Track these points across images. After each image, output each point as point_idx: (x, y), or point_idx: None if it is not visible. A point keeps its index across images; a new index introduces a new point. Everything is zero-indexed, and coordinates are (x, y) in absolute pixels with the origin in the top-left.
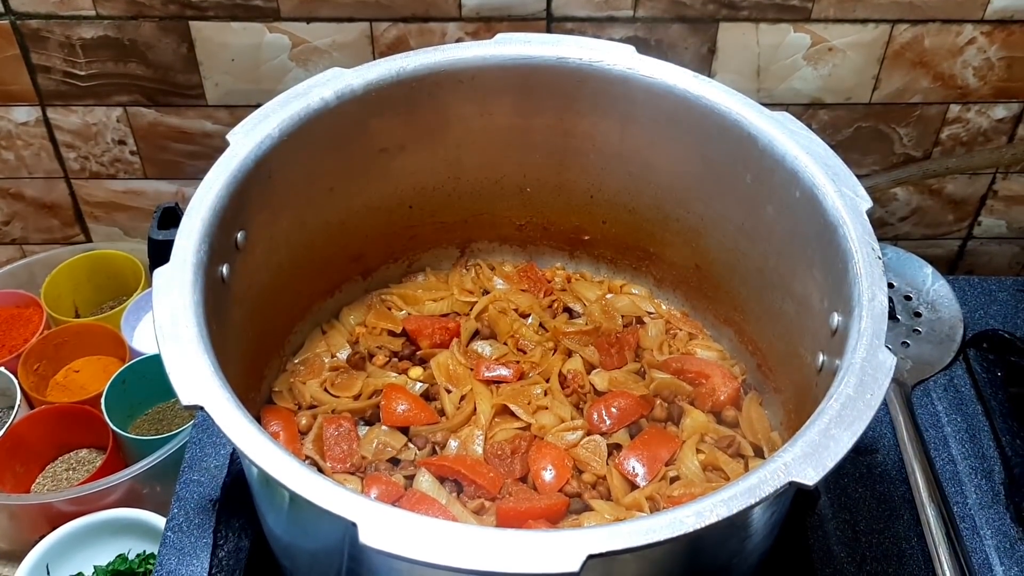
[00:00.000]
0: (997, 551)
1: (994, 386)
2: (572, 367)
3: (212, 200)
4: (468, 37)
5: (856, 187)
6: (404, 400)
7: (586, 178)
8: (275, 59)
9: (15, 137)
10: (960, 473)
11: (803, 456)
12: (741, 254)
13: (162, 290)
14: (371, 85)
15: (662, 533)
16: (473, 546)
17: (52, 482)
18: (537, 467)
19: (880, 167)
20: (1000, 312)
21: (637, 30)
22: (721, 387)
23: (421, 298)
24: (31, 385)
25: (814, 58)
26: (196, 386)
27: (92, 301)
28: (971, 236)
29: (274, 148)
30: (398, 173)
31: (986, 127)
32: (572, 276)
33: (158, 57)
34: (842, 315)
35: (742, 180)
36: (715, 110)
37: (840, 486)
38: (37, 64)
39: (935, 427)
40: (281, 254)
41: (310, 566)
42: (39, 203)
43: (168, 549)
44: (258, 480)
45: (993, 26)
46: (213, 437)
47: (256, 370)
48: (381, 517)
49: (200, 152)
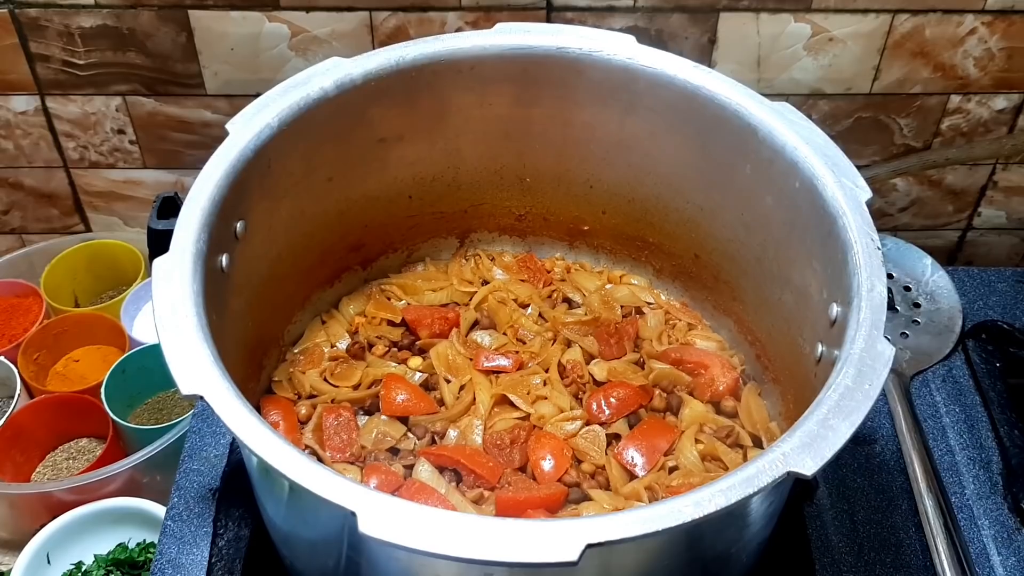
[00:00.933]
0: (994, 541)
1: (992, 377)
2: (571, 357)
3: (211, 190)
4: (468, 27)
5: (856, 178)
6: (403, 390)
7: (586, 168)
8: (274, 48)
9: (14, 126)
10: (958, 464)
11: (801, 446)
12: (740, 244)
13: (161, 280)
14: (370, 75)
15: (661, 523)
16: (472, 535)
17: (52, 471)
18: (536, 457)
19: (880, 158)
20: (999, 303)
21: (637, 20)
22: (720, 377)
23: (421, 288)
24: (31, 375)
25: (814, 48)
26: (196, 375)
27: (91, 291)
28: (971, 227)
29: (273, 138)
30: (397, 163)
31: (986, 118)
32: (571, 266)
33: (157, 46)
34: (841, 306)
35: (742, 170)
36: (715, 100)
37: (838, 476)
38: (36, 53)
39: (933, 418)
40: (280, 244)
41: (310, 555)
42: (38, 192)
43: (168, 538)
44: (258, 469)
45: (994, 16)
46: (213, 426)
47: (256, 360)
48: (380, 506)
49: (199, 142)
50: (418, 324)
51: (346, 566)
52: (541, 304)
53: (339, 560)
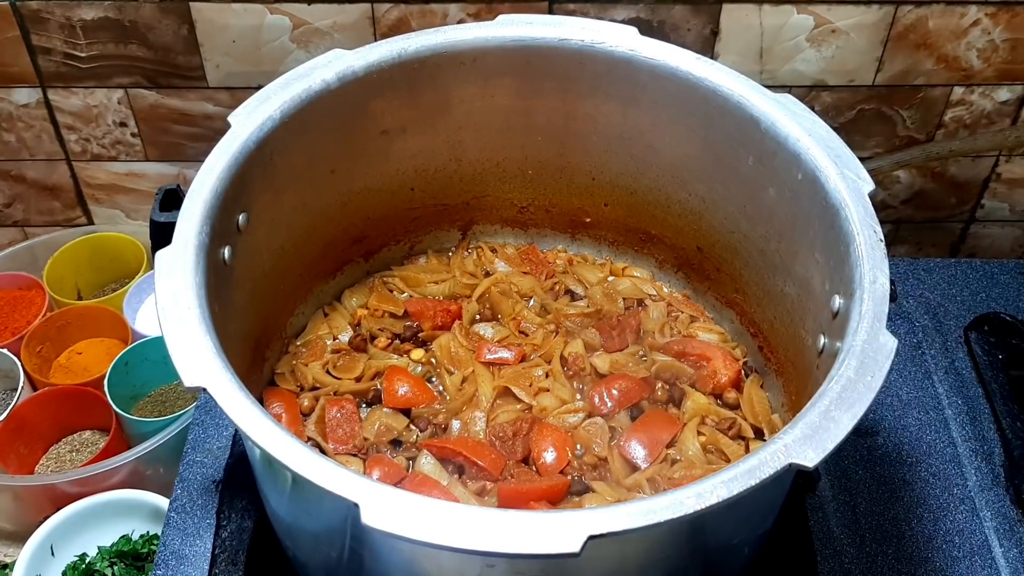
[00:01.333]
0: (996, 533)
1: (995, 369)
2: (573, 349)
3: (213, 182)
4: (470, 18)
5: (858, 169)
6: (406, 382)
7: (588, 160)
8: (276, 40)
9: (16, 119)
10: (960, 455)
11: (803, 438)
12: (743, 236)
13: (164, 272)
14: (372, 67)
15: (662, 514)
16: (474, 527)
17: (56, 463)
18: (538, 449)
19: (883, 149)
20: (1002, 295)
21: (640, 11)
22: (722, 369)
23: (423, 280)
24: (34, 367)
25: (817, 40)
26: (199, 368)
27: (94, 283)
28: (974, 219)
29: (275, 130)
30: (400, 155)
31: (989, 109)
32: (574, 258)
33: (159, 39)
34: (843, 297)
35: (744, 162)
36: (717, 92)
37: (840, 468)
38: (37, 46)
39: (936, 409)
40: (283, 236)
41: (313, 546)
42: (40, 185)
43: (172, 530)
44: (261, 461)
45: (998, 8)
46: (216, 418)
47: (258, 352)
48: (383, 498)
49: (201, 134)
50: (420, 316)
51: (349, 557)
52: (543, 296)
53: (342, 551)
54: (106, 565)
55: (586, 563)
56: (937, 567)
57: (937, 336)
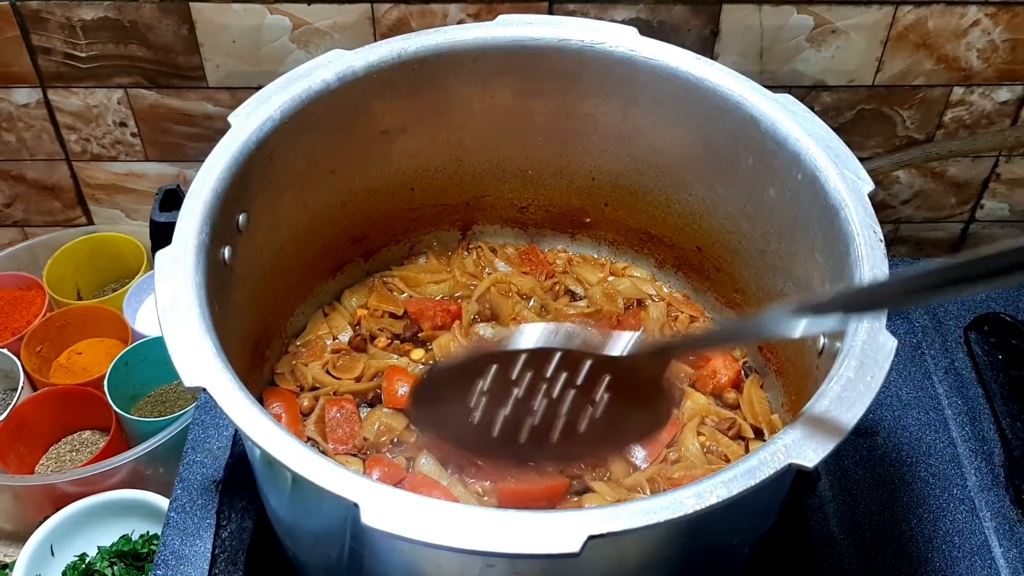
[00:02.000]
0: (996, 533)
1: (995, 369)
2: None
3: (214, 182)
4: (470, 19)
5: (858, 170)
6: (406, 382)
7: (588, 160)
8: (276, 41)
9: (16, 119)
10: (960, 456)
11: (803, 438)
12: (742, 236)
13: (164, 272)
14: (372, 67)
15: (662, 514)
16: (474, 527)
17: (56, 463)
18: None
19: (883, 150)
20: (1002, 295)
21: (640, 12)
22: (722, 369)
23: (423, 280)
24: (34, 367)
25: (817, 40)
26: (199, 368)
27: (94, 283)
28: (974, 219)
29: (275, 130)
30: (400, 155)
31: (989, 110)
32: (573, 258)
33: (159, 39)
34: None
35: (744, 162)
36: (717, 92)
37: (840, 468)
38: (37, 46)
39: (935, 410)
40: (283, 236)
41: (312, 546)
42: (40, 185)
43: (172, 530)
44: (261, 461)
45: (998, 8)
46: (216, 418)
47: (258, 352)
48: (383, 498)
49: (201, 134)
50: (420, 316)
51: (349, 557)
52: (543, 296)
53: (342, 551)
54: (106, 565)
55: (586, 563)
56: (937, 567)
57: (937, 336)
